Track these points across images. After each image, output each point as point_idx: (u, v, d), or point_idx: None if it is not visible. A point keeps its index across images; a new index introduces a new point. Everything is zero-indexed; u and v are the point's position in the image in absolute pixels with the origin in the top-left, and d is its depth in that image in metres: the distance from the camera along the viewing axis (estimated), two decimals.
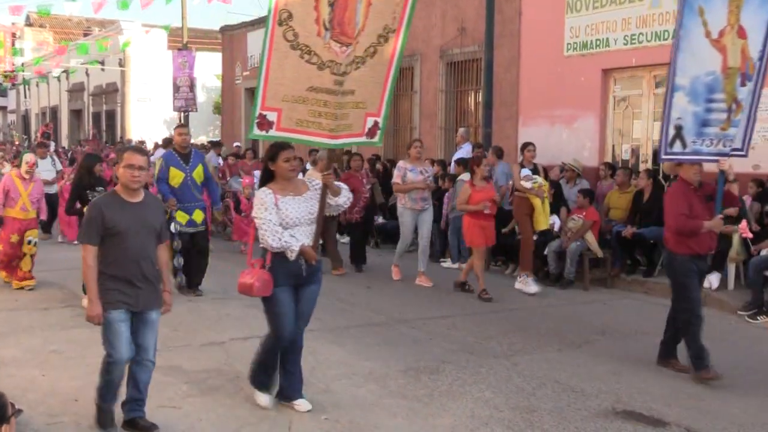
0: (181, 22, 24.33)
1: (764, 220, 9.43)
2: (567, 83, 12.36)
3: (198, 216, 8.98)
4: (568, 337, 7.58)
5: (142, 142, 25.71)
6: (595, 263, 10.24)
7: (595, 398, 5.73)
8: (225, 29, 24.85)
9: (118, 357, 4.75)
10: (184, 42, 24.54)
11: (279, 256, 5.00)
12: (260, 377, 5.38)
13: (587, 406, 5.56)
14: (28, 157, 9.90)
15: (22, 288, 9.40)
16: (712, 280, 9.26)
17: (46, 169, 13.34)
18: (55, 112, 41.02)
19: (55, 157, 15.47)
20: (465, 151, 12.89)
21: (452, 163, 12.82)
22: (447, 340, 7.40)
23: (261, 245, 5.05)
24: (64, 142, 37.06)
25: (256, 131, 5.12)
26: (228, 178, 15.57)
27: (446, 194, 11.79)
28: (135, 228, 4.66)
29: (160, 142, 25.49)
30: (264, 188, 5.08)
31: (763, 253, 8.85)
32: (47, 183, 12.32)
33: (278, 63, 5.00)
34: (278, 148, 5.08)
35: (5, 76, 35.53)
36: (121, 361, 4.78)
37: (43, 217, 10.40)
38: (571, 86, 12.31)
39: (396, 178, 10.04)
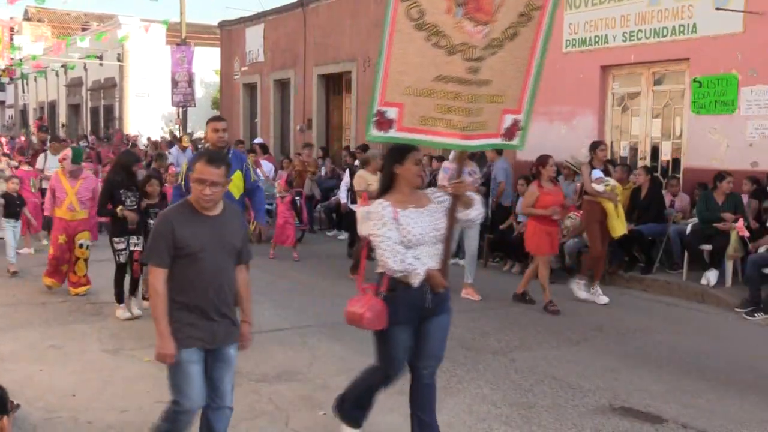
0: (180, 17, 24.31)
1: (762, 217, 9.44)
2: (566, 80, 12.36)
3: None
4: (566, 333, 7.59)
5: (137, 138, 25.63)
6: None
7: (593, 395, 5.74)
8: (223, 24, 24.82)
9: (189, 406, 3.99)
10: (183, 37, 24.54)
11: (398, 283, 4.17)
12: (353, 412, 4.69)
13: (585, 403, 5.57)
14: (63, 152, 9.46)
15: (77, 294, 8.84)
16: (710, 277, 9.28)
17: (57, 165, 13.09)
18: (53, 106, 40.96)
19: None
20: None
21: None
22: None
23: (378, 269, 4.26)
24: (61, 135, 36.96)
25: (374, 132, 4.28)
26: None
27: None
28: (212, 247, 3.85)
29: (167, 137, 25.51)
30: (380, 200, 4.26)
31: (761, 250, 8.86)
32: (46, 179, 12.11)
33: (401, 48, 4.13)
34: (407, 148, 4.29)
35: (3, 71, 35.44)
36: (192, 410, 4.02)
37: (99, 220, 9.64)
38: (569, 83, 12.30)
39: (443, 180, 8.78)
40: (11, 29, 39.06)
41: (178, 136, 23.72)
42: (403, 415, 5.26)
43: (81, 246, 8.88)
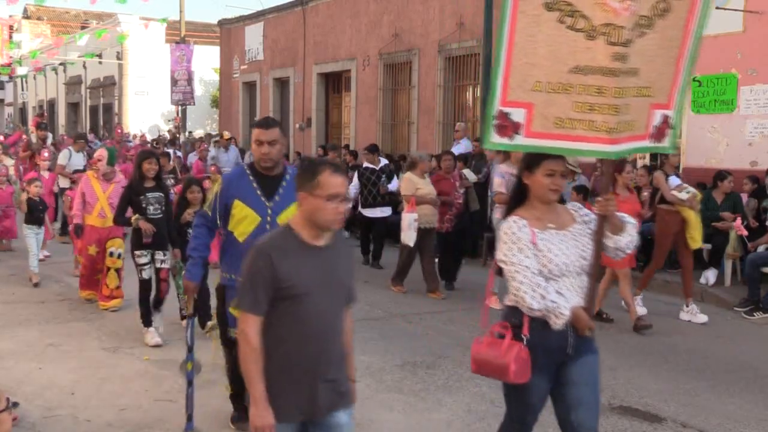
0: (179, 15, 24.28)
1: (761, 216, 9.45)
2: None
3: None
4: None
5: (136, 136, 25.58)
6: None
7: None
8: (223, 23, 24.82)
9: None
10: (182, 35, 24.50)
11: (537, 324, 3.39)
12: None
13: None
14: (98, 152, 8.47)
15: (107, 309, 8.04)
16: (709, 276, 9.29)
17: (80, 163, 12.27)
18: (52, 105, 40.93)
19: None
20: (463, 146, 12.89)
21: None
22: (443, 334, 7.41)
23: (507, 302, 3.53)
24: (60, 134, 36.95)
25: (495, 138, 3.53)
26: None
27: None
28: (320, 288, 3.00)
29: (167, 135, 25.39)
30: (514, 217, 3.45)
31: (760, 249, 8.87)
32: (68, 176, 11.65)
33: (527, 34, 3.41)
34: (542, 154, 3.47)
35: (2, 69, 35.41)
36: None
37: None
38: None
39: (500, 186, 8.01)
40: (10, 27, 39.02)
41: (178, 135, 23.71)
42: (403, 413, 5.27)
43: (112, 255, 8.08)
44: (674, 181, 8.33)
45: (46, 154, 11.93)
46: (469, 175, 11.02)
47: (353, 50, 18.11)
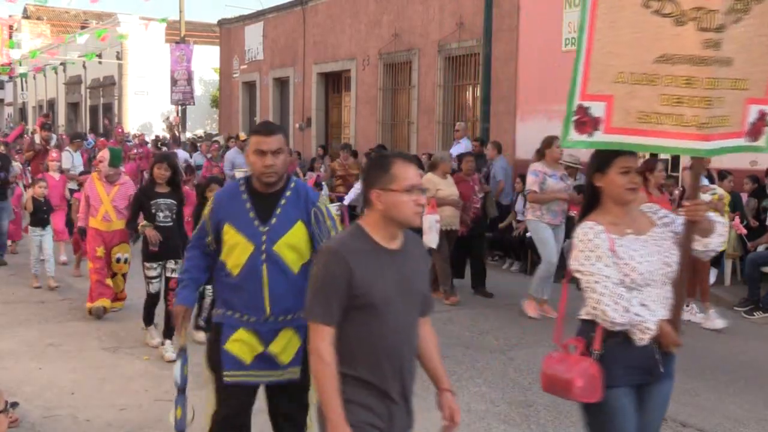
0: (179, 15, 24.31)
1: (761, 216, 9.45)
2: (565, 78, 12.25)
3: (281, 350, 3.66)
4: (564, 331, 7.58)
5: (135, 136, 25.53)
6: None
7: None
8: (222, 23, 24.83)
9: None
10: (182, 35, 24.53)
11: (617, 338, 3.07)
12: None
13: None
14: (101, 153, 8.20)
15: (111, 309, 7.88)
16: (709, 276, 9.28)
17: (80, 163, 12.33)
18: (52, 104, 40.95)
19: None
20: (463, 145, 12.89)
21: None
22: (443, 334, 7.40)
23: (582, 316, 3.21)
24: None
25: (574, 136, 3.28)
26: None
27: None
28: (397, 296, 2.74)
29: (166, 136, 25.31)
30: (589, 222, 3.14)
31: (760, 249, 8.87)
32: (74, 179, 11.42)
33: (608, 20, 3.15)
34: (612, 151, 3.21)
35: (2, 69, 35.45)
36: None
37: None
38: (568, 81, 12.27)
39: (533, 184, 7.97)
40: (10, 27, 39.04)
41: (177, 134, 23.69)
42: None
43: (119, 260, 7.81)
44: (701, 182, 8.05)
45: (54, 155, 11.38)
46: None
47: (353, 50, 18.12)
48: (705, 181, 8.09)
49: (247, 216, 3.54)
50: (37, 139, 14.20)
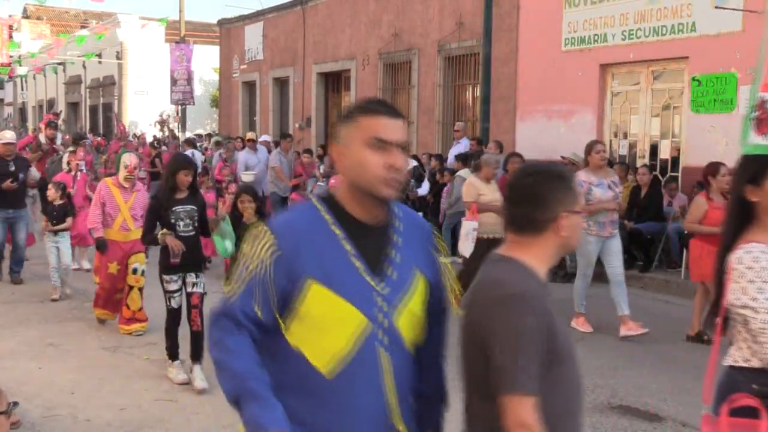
0: (179, 15, 24.31)
1: None
2: (565, 78, 12.36)
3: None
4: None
5: (135, 136, 25.49)
6: None
7: (591, 393, 5.73)
8: (222, 22, 24.82)
9: None
10: (182, 35, 24.53)
11: None
12: None
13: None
14: (128, 158, 7.20)
15: (129, 333, 7.09)
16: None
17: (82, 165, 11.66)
18: (51, 104, 40.93)
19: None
20: (463, 145, 12.89)
21: (449, 158, 12.84)
22: None
23: (751, 363, 2.58)
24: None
25: (755, 138, 2.81)
26: (306, 185, 12.54)
27: (444, 189, 11.78)
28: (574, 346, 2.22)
29: (165, 135, 25.32)
30: (754, 245, 2.59)
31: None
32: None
33: None
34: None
35: (2, 69, 35.45)
36: None
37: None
38: (568, 81, 12.30)
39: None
40: (10, 27, 39.04)
41: (170, 132, 23.65)
42: None
43: (135, 272, 7.11)
44: None
45: (81, 153, 10.47)
46: (466, 174, 10.99)
47: (353, 50, 18.11)
48: None
49: (350, 265, 2.04)
50: (42, 138, 13.41)
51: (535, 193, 2.11)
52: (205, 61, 28.60)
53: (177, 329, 5.91)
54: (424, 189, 10.34)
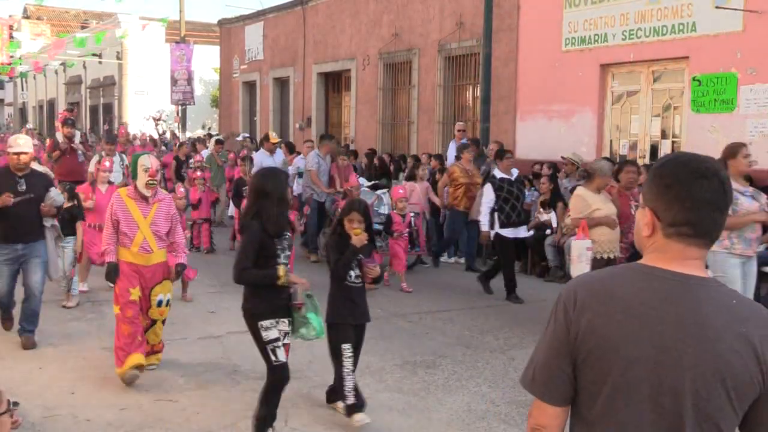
0: (179, 15, 24.33)
1: None
2: (565, 78, 12.36)
3: None
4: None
5: (135, 137, 25.45)
6: None
7: None
8: (223, 22, 24.83)
9: None
10: (182, 35, 24.55)
11: None
12: None
13: None
14: (147, 160, 5.92)
15: (148, 366, 5.94)
16: (709, 275, 9.26)
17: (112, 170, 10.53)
18: (52, 105, 40.97)
19: (123, 155, 12.08)
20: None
21: (449, 158, 12.84)
22: (443, 334, 7.41)
23: None
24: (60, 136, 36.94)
25: None
26: (344, 187, 11.49)
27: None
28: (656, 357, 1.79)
29: (166, 134, 25.30)
30: None
31: (760, 248, 8.86)
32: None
33: None
34: None
35: (2, 69, 35.48)
36: None
37: (182, 259, 6.10)
38: (569, 81, 12.30)
39: (748, 206, 6.22)
40: (10, 27, 39.06)
41: (177, 134, 23.68)
42: (402, 413, 5.27)
43: (160, 304, 5.95)
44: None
45: (107, 164, 8.95)
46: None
47: (353, 50, 18.12)
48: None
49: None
50: (60, 137, 12.67)
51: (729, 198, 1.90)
52: (206, 61, 28.62)
53: (281, 391, 4.68)
54: (527, 197, 9.50)
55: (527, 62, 13.21)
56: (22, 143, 6.66)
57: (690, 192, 1.83)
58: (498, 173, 9.24)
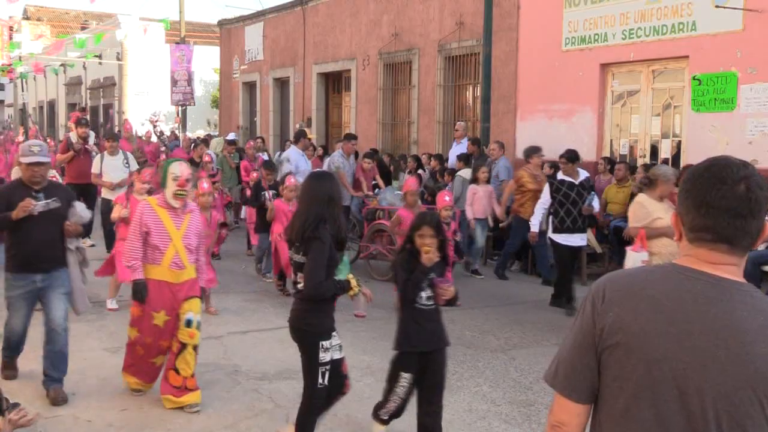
0: (179, 15, 24.32)
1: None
2: (565, 78, 12.36)
3: None
4: (565, 331, 7.58)
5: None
6: (593, 258, 10.24)
7: None
8: (223, 23, 24.84)
9: None
10: (182, 35, 24.54)
11: None
12: None
13: None
14: (177, 168, 5.34)
15: (180, 408, 5.25)
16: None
17: (115, 168, 10.81)
18: (52, 106, 40.98)
19: (129, 155, 11.53)
20: (464, 145, 12.89)
21: (450, 158, 12.85)
22: None
23: None
24: (60, 136, 36.96)
25: None
26: (369, 190, 11.46)
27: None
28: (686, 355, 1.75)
29: (165, 134, 25.27)
30: None
31: (760, 248, 8.86)
32: (119, 186, 10.25)
33: None
34: None
35: (2, 70, 35.46)
36: None
37: (209, 280, 5.86)
38: (569, 81, 12.30)
39: None
40: (10, 28, 39.07)
41: (177, 134, 23.66)
42: (404, 413, 5.27)
43: (189, 324, 5.31)
44: None
45: (146, 176, 8.09)
46: (467, 174, 10.99)
47: (353, 50, 18.12)
48: None
49: None
50: (74, 137, 12.44)
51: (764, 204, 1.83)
52: (206, 62, 28.61)
53: (320, 413, 4.52)
54: (596, 203, 9.10)
55: (527, 62, 13.21)
56: (38, 151, 5.35)
57: (705, 198, 1.80)
58: (560, 175, 8.90)
